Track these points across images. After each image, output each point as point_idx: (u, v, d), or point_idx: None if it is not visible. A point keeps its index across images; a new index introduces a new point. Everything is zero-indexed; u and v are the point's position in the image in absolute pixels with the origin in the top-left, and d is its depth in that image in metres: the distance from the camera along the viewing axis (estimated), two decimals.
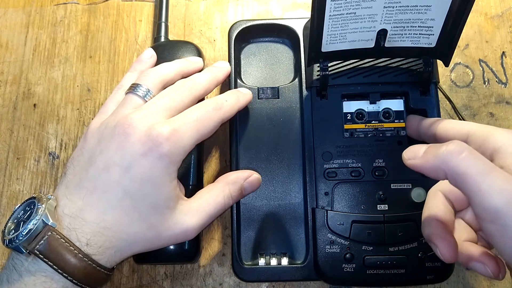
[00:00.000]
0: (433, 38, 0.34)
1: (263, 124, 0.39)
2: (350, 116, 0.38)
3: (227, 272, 0.39)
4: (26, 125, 0.44)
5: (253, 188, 0.36)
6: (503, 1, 0.46)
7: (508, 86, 0.44)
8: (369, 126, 0.38)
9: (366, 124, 0.38)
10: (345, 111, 0.38)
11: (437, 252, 0.28)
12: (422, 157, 0.28)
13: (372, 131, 0.37)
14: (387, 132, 0.37)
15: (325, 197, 0.36)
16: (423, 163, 0.27)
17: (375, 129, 0.38)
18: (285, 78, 0.41)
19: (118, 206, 0.30)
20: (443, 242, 0.28)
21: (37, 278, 0.29)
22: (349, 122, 0.38)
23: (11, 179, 0.43)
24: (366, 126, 0.38)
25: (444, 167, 0.26)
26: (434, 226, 0.30)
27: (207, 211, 0.33)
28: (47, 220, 0.29)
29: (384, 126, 0.38)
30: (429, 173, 0.27)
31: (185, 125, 0.32)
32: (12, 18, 0.48)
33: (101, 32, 0.47)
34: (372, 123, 0.38)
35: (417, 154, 0.28)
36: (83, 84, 0.45)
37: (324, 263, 0.35)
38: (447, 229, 0.29)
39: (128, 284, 0.39)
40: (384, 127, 0.38)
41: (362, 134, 0.37)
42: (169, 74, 0.36)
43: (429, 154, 0.27)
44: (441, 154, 0.26)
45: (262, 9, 0.47)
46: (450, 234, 0.29)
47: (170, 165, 0.31)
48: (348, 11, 0.32)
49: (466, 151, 0.25)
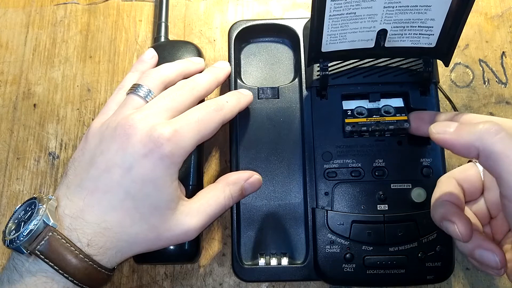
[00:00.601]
0: (433, 38, 0.34)
1: (263, 124, 0.39)
2: (350, 112, 0.38)
3: (227, 272, 0.39)
4: (26, 125, 0.44)
5: (253, 189, 0.36)
6: (503, 1, 0.46)
7: (508, 86, 0.44)
8: (370, 120, 0.37)
9: (368, 118, 0.37)
10: (345, 108, 0.38)
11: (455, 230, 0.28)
12: (454, 132, 0.27)
13: (374, 124, 0.36)
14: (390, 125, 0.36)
15: (325, 197, 0.36)
16: (455, 138, 0.27)
17: (377, 122, 0.36)
18: (285, 78, 0.41)
19: (119, 207, 0.30)
20: (461, 219, 0.28)
21: (38, 279, 0.29)
22: (350, 117, 0.37)
23: (11, 179, 0.43)
24: (368, 120, 0.37)
25: (478, 144, 0.25)
26: (449, 206, 0.29)
27: (207, 212, 0.33)
28: (48, 220, 0.29)
29: (386, 120, 0.37)
30: (459, 149, 0.27)
31: (186, 126, 0.32)
32: (12, 18, 0.48)
33: (101, 32, 0.47)
34: (374, 117, 0.37)
35: (448, 128, 0.27)
36: (83, 84, 0.45)
37: (324, 263, 0.35)
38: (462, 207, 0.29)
39: (128, 284, 0.39)
40: (386, 120, 0.37)
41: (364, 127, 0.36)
42: (170, 74, 0.36)
43: (463, 130, 0.27)
44: (478, 131, 0.25)
45: (262, 9, 0.47)
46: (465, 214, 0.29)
47: (171, 166, 0.31)
48: (348, 11, 0.32)
49: (504, 131, 0.25)
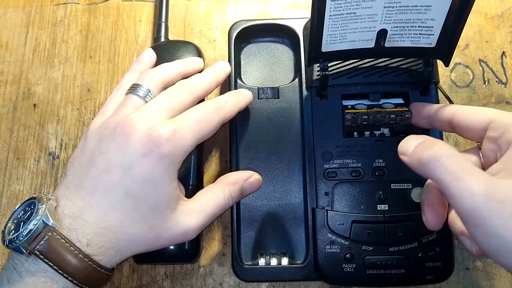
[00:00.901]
0: (433, 38, 0.34)
1: (263, 124, 0.39)
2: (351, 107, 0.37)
3: (227, 272, 0.39)
4: (26, 125, 0.44)
5: (253, 189, 0.36)
6: (503, 1, 0.46)
7: (508, 86, 0.44)
8: (371, 111, 0.36)
9: (368, 109, 0.37)
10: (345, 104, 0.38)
11: (423, 218, 0.31)
12: (410, 155, 0.29)
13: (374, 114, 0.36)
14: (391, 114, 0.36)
15: (325, 197, 0.36)
16: (410, 162, 0.29)
17: (378, 112, 0.36)
18: (285, 78, 0.41)
19: (119, 207, 0.30)
20: (431, 211, 0.30)
21: (38, 279, 0.28)
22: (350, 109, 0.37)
23: (11, 179, 0.43)
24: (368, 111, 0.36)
25: (425, 171, 0.27)
26: (430, 193, 0.31)
27: (207, 212, 0.33)
28: (47, 220, 0.29)
29: (387, 110, 0.36)
30: (417, 172, 0.28)
31: (185, 126, 0.32)
32: (12, 18, 0.48)
33: (101, 32, 0.47)
34: (374, 109, 0.37)
35: (408, 150, 0.29)
36: (83, 84, 0.45)
37: (324, 263, 0.35)
38: (441, 200, 0.31)
39: (128, 284, 0.39)
40: (387, 111, 0.36)
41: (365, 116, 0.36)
42: (169, 74, 0.36)
43: (415, 155, 0.28)
44: (423, 159, 0.27)
45: (262, 9, 0.47)
46: (442, 205, 0.31)
47: (171, 166, 0.31)
48: (348, 11, 0.32)
49: (444, 156, 0.26)
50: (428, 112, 0.35)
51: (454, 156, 0.26)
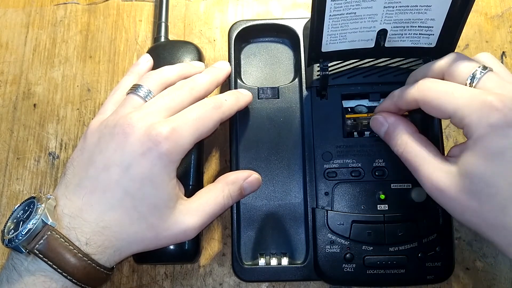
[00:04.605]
0: (433, 38, 0.34)
1: (263, 124, 0.39)
2: (350, 110, 0.38)
3: (227, 272, 0.39)
4: (26, 125, 0.44)
5: (253, 189, 0.36)
6: (503, 1, 0.46)
7: None
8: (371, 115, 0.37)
9: (368, 114, 0.37)
10: (345, 106, 0.38)
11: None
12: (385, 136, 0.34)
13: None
14: None
15: (325, 197, 0.36)
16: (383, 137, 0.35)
17: None
18: (285, 78, 0.41)
19: (118, 206, 0.30)
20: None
21: (37, 278, 0.29)
22: (350, 114, 0.37)
23: (11, 179, 0.43)
24: (369, 115, 0.37)
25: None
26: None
27: (207, 211, 0.33)
28: (46, 219, 0.29)
29: None
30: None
31: (184, 124, 0.32)
32: (12, 18, 0.48)
33: (101, 32, 0.47)
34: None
35: (380, 129, 0.35)
36: (83, 84, 0.45)
37: (324, 263, 0.35)
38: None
39: (128, 284, 0.39)
40: None
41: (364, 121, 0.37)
42: (171, 77, 0.36)
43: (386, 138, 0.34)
44: (392, 145, 0.33)
45: (262, 9, 0.47)
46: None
47: (170, 164, 0.31)
48: (348, 11, 0.32)
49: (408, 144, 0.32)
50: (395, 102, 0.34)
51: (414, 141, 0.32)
